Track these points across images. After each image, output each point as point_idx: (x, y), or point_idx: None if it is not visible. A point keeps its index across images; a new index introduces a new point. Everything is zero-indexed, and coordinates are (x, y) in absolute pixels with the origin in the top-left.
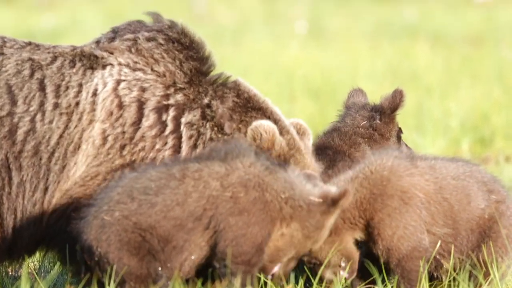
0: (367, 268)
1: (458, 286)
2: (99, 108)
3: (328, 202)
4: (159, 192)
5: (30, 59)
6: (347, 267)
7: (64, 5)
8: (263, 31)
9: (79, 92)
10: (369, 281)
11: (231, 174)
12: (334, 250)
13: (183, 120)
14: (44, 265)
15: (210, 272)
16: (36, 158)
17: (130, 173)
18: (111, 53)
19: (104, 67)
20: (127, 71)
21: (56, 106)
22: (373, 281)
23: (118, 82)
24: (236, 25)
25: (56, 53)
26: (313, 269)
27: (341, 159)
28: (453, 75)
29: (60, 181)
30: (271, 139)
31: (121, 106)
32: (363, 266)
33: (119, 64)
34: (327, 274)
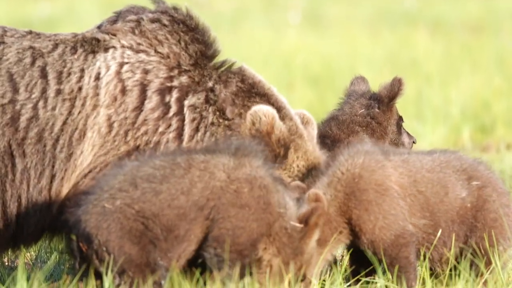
0: (367, 258)
1: (459, 275)
2: (102, 92)
3: (304, 225)
4: (164, 181)
5: (31, 47)
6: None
7: None
8: (261, 19)
9: (81, 77)
10: (369, 271)
11: (239, 169)
12: (321, 261)
13: (186, 103)
14: (41, 255)
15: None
16: (40, 145)
17: (131, 161)
18: (114, 35)
19: (106, 50)
20: (130, 53)
21: (59, 92)
22: (372, 270)
23: (121, 65)
24: (234, 13)
25: (57, 41)
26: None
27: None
28: (453, 62)
29: (67, 169)
30: (270, 122)
31: (124, 91)
32: (363, 256)
33: (122, 46)
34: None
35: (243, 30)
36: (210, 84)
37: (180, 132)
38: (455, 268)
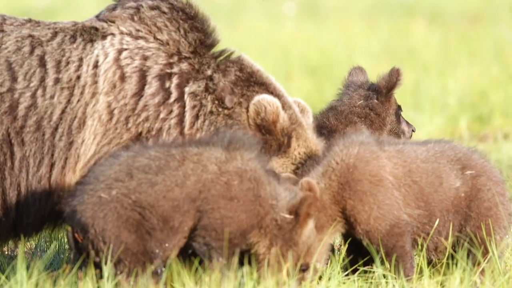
0: (365, 248)
1: (456, 264)
2: (101, 80)
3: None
4: (160, 172)
5: (30, 35)
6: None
7: None
8: (259, 10)
9: (80, 66)
10: (367, 261)
11: (230, 162)
12: (320, 250)
13: (186, 90)
14: (41, 244)
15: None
16: (39, 133)
17: (125, 152)
18: (113, 22)
19: (104, 37)
20: (129, 39)
21: (57, 81)
22: (370, 260)
23: (120, 52)
24: (232, 3)
25: (57, 29)
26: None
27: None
28: (450, 52)
29: (68, 158)
30: (275, 111)
31: (123, 77)
32: (361, 246)
33: (121, 33)
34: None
35: (241, 21)
36: (209, 73)
37: (182, 118)
38: (452, 257)
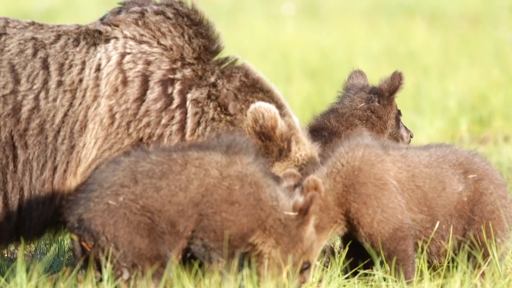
0: (365, 250)
1: (456, 267)
2: (103, 83)
3: (299, 213)
4: (163, 177)
5: (33, 38)
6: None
7: None
8: (259, 11)
9: (82, 69)
10: (367, 263)
11: (230, 167)
12: (320, 250)
13: (189, 96)
14: (40, 247)
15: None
16: (41, 136)
17: (126, 157)
18: (117, 26)
19: (107, 41)
20: (132, 43)
21: (60, 84)
22: (370, 263)
23: (123, 56)
24: (232, 5)
25: (60, 32)
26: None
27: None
28: (450, 55)
29: (69, 161)
30: (273, 117)
31: (125, 81)
32: (362, 248)
33: (125, 37)
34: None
35: (240, 23)
36: (212, 79)
37: (183, 125)
38: (453, 260)
